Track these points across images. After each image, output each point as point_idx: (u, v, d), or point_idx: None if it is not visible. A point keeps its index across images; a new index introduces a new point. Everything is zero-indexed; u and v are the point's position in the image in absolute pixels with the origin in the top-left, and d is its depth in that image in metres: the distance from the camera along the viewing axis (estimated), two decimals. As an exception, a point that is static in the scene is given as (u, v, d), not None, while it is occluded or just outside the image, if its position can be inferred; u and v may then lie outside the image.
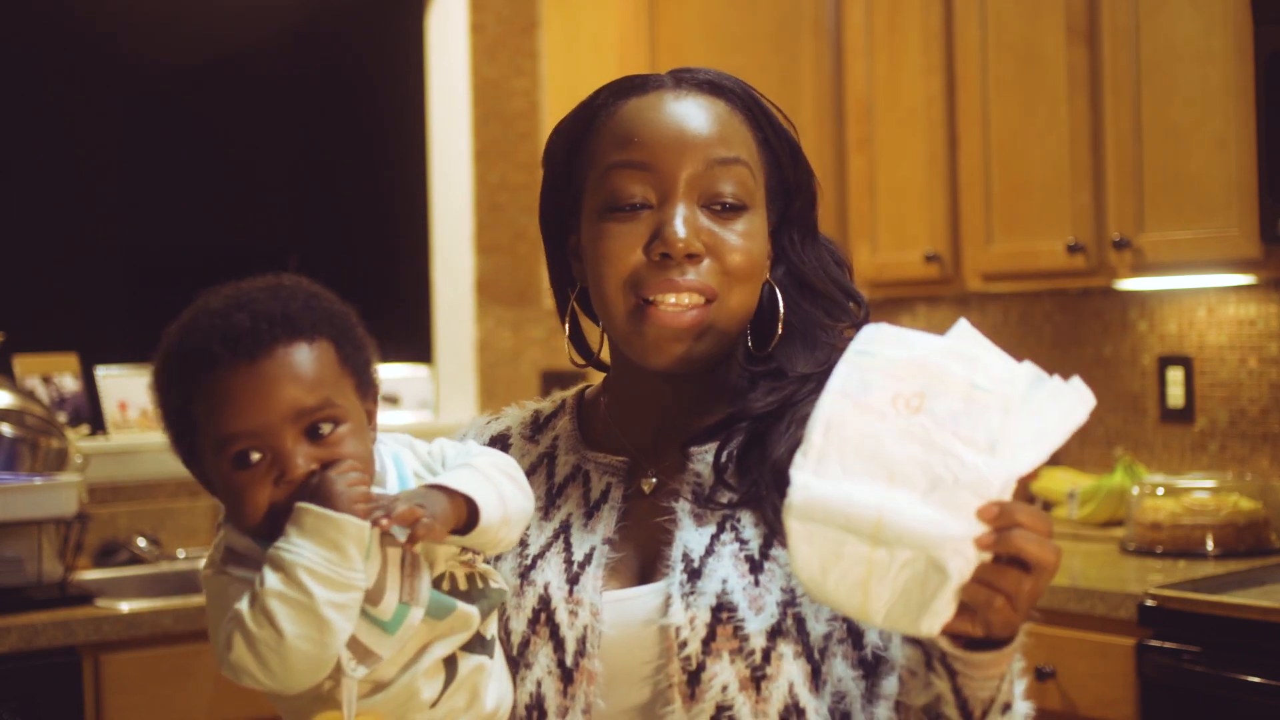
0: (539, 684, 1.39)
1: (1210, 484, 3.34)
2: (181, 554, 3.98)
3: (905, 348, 1.18)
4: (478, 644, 1.36)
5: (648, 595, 1.39)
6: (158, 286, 4.52)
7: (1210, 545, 3.26)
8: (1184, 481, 3.37)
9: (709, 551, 1.39)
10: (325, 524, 1.26)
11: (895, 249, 3.74)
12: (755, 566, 1.37)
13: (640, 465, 1.49)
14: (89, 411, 4.04)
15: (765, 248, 1.46)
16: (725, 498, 1.41)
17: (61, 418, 3.87)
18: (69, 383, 4.03)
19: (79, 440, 3.80)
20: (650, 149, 1.42)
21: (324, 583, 1.25)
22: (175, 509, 4.06)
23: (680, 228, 1.40)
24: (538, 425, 1.57)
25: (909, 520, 1.13)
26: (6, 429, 3.45)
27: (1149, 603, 2.91)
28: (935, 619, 1.15)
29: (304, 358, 1.33)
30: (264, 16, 4.60)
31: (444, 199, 4.79)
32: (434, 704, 1.33)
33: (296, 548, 1.26)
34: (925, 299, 4.12)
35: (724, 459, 1.42)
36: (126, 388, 4.10)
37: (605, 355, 1.56)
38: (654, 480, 1.47)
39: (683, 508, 1.42)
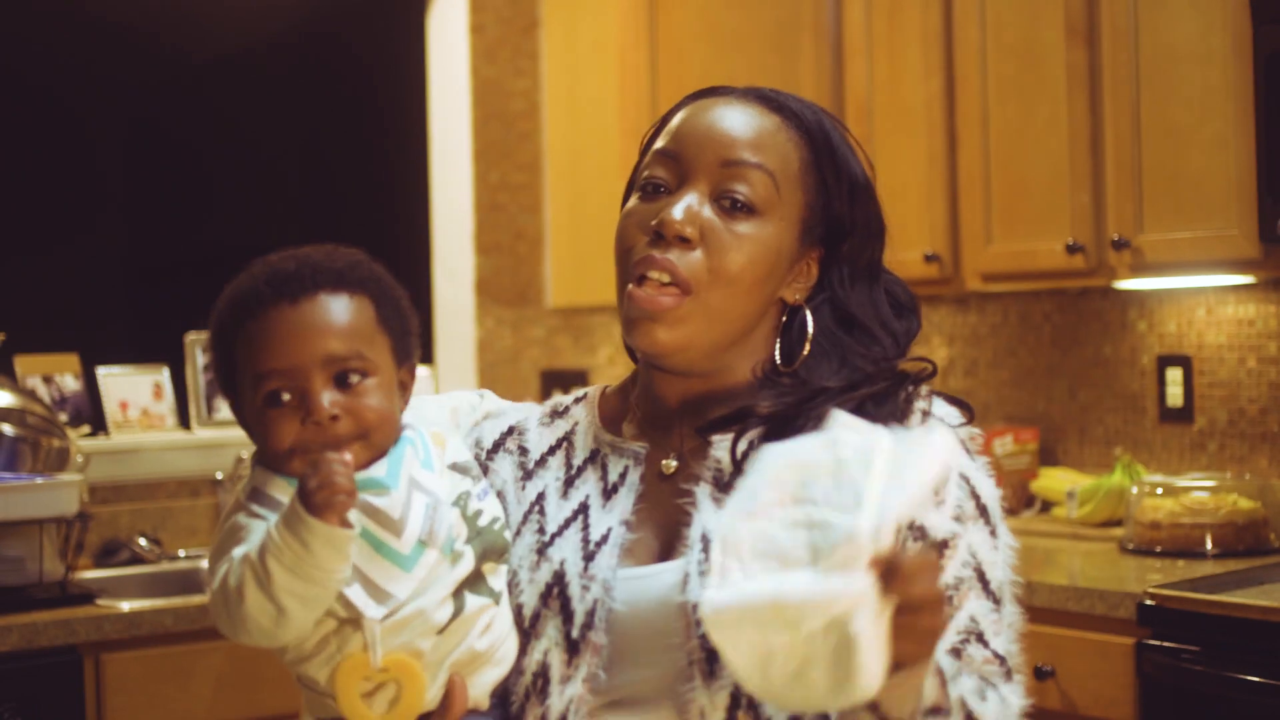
0: (546, 653, 1.42)
1: (1209, 484, 3.34)
2: (182, 553, 3.98)
3: (783, 454, 1.24)
4: (484, 586, 1.41)
5: (666, 573, 1.42)
6: (158, 286, 4.53)
7: (1209, 545, 3.26)
8: (1183, 481, 3.38)
9: None
10: (297, 520, 1.30)
11: (895, 249, 3.70)
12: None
13: (658, 450, 1.51)
14: (90, 411, 4.05)
15: (773, 260, 1.47)
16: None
17: (62, 417, 3.87)
18: (70, 382, 4.03)
19: (80, 440, 3.81)
20: (682, 139, 1.48)
21: (288, 571, 1.29)
22: (176, 509, 4.07)
23: (678, 211, 1.44)
24: (556, 412, 1.60)
25: (802, 593, 1.16)
26: (8, 429, 3.45)
27: (1148, 602, 2.91)
28: (866, 680, 1.16)
29: (342, 307, 1.40)
30: (264, 16, 4.60)
31: (444, 199, 4.79)
32: (441, 630, 1.37)
33: (277, 532, 1.30)
34: (925, 299, 4.11)
35: (740, 450, 1.44)
36: (127, 387, 4.10)
37: None
38: (674, 463, 1.50)
39: (702, 491, 1.44)
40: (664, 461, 1.50)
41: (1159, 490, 3.36)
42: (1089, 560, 3.34)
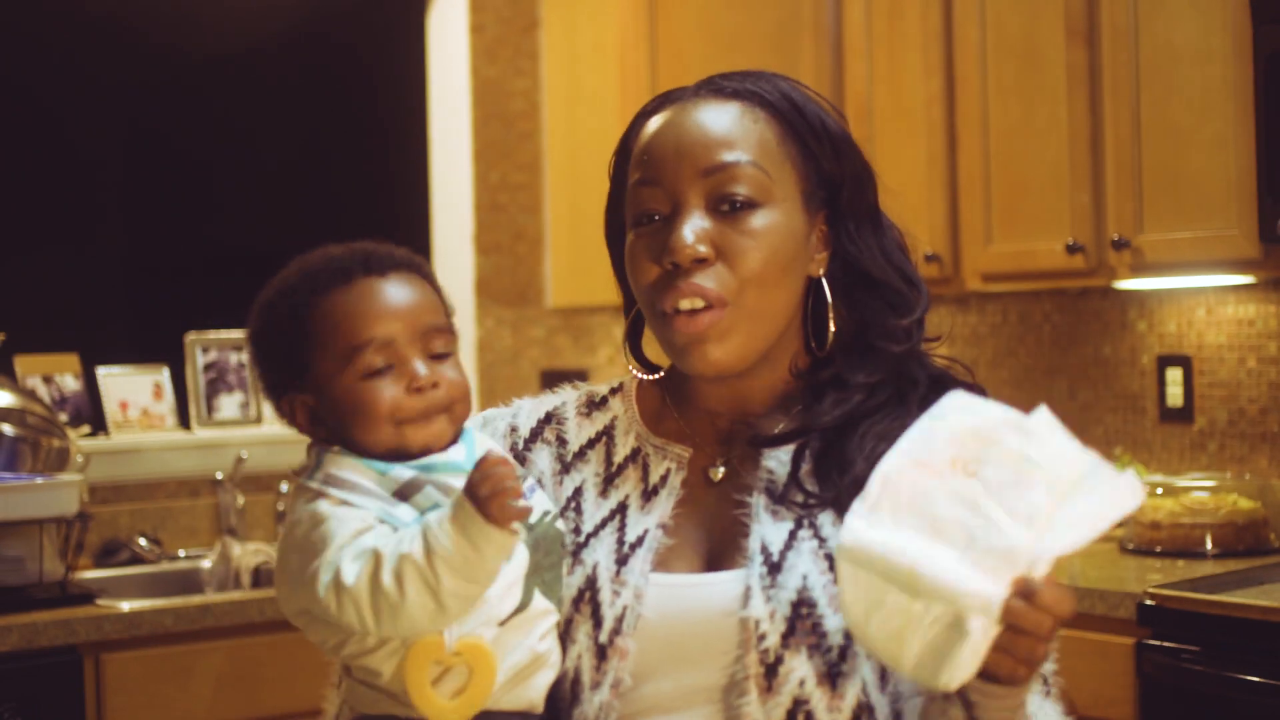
0: (579, 658, 1.42)
1: (1209, 484, 3.35)
2: (182, 553, 3.98)
3: (974, 415, 1.24)
4: (549, 589, 1.42)
5: (725, 584, 1.41)
6: (158, 286, 4.53)
7: (1209, 545, 3.26)
8: (1183, 481, 3.38)
9: (788, 546, 1.40)
10: (474, 527, 1.30)
11: (895, 249, 3.73)
12: (834, 565, 1.37)
13: (701, 455, 1.50)
14: (90, 411, 4.05)
15: (792, 243, 1.46)
16: (801, 499, 1.43)
17: (63, 417, 3.87)
18: (70, 382, 4.03)
19: (80, 440, 3.81)
20: (657, 164, 1.46)
21: (457, 574, 1.30)
22: (176, 509, 4.07)
23: (685, 235, 1.42)
24: (593, 403, 1.58)
25: (940, 573, 1.18)
26: (8, 428, 3.45)
27: (1148, 602, 2.92)
28: (955, 674, 1.20)
29: (419, 285, 1.45)
30: (264, 16, 4.60)
31: (444, 199, 4.79)
32: (503, 622, 1.38)
33: (447, 538, 1.30)
34: (925, 299, 4.12)
35: (800, 464, 1.44)
36: (127, 387, 4.10)
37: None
38: (722, 470, 1.49)
39: (758, 502, 1.44)
40: (711, 469, 1.49)
41: (1159, 490, 3.36)
42: (1089, 560, 3.34)
